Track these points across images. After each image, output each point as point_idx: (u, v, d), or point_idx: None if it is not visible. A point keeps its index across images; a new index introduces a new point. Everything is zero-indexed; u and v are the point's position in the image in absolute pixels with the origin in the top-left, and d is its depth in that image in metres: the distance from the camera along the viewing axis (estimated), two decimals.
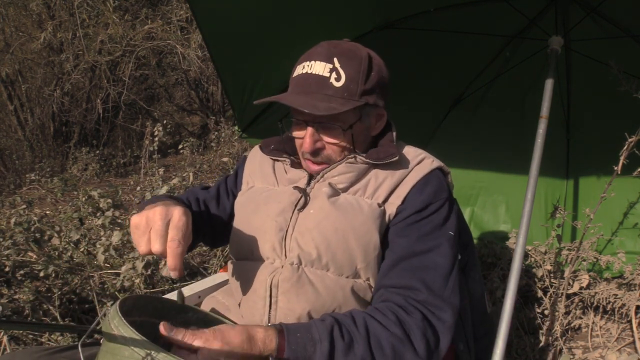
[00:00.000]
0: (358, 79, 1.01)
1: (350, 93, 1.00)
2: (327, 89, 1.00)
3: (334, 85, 1.00)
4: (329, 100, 0.98)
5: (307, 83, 1.01)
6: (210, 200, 1.22)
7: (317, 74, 1.01)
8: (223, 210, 1.21)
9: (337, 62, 1.01)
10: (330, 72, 1.00)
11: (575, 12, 1.85)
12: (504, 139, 2.50)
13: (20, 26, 5.91)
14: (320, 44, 1.06)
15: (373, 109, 1.07)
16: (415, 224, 1.00)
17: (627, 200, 2.26)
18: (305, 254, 0.97)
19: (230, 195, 1.23)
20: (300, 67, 1.04)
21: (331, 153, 1.05)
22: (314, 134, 1.03)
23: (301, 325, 0.85)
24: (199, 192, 1.25)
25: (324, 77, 1.00)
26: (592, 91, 2.23)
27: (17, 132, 6.12)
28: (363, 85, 1.02)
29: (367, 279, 1.00)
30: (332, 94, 0.99)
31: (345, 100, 0.99)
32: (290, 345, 0.80)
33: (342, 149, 1.05)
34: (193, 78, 6.87)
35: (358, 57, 1.02)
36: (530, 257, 2.23)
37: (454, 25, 1.99)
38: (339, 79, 1.00)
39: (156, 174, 4.25)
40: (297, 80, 1.04)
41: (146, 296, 0.91)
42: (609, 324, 2.15)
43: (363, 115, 1.05)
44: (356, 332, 0.85)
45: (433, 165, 1.07)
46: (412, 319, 0.89)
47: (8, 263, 2.02)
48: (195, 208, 1.19)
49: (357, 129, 1.05)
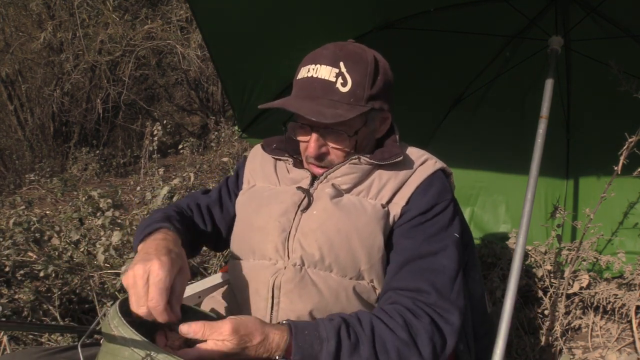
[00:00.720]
0: (364, 84, 1.00)
1: (357, 98, 0.99)
2: (333, 94, 0.98)
3: (340, 90, 0.98)
4: (335, 106, 0.97)
5: (312, 87, 1.00)
6: (213, 205, 1.21)
7: (322, 79, 0.99)
8: (227, 214, 1.21)
9: (343, 67, 0.99)
10: (336, 76, 0.99)
11: (575, 12, 1.85)
12: (504, 139, 2.50)
13: (20, 26, 5.91)
14: (326, 46, 1.04)
15: (378, 113, 1.06)
16: (421, 225, 1.00)
17: (627, 200, 2.26)
18: (308, 255, 0.97)
19: (232, 196, 1.22)
20: (305, 69, 1.03)
21: (335, 158, 1.05)
22: (318, 139, 1.02)
23: (309, 323, 0.86)
24: (200, 197, 1.24)
25: (329, 82, 0.99)
26: (592, 91, 2.23)
27: (17, 132, 6.11)
28: (369, 90, 1.00)
29: (370, 281, 1.00)
30: (338, 100, 0.98)
31: (351, 106, 0.98)
32: (297, 342, 0.80)
33: (346, 154, 1.05)
34: (193, 78, 6.86)
35: (364, 61, 1.01)
36: (530, 257, 2.23)
37: (454, 25, 1.99)
38: (345, 84, 0.98)
39: (156, 174, 4.24)
40: (302, 84, 1.02)
41: None
42: (609, 324, 2.15)
43: (369, 120, 1.05)
44: (362, 333, 0.85)
45: (436, 166, 1.07)
46: (420, 322, 0.89)
47: (8, 263, 2.02)
48: (197, 215, 1.18)
49: (361, 134, 1.04)
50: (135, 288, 0.79)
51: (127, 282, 0.80)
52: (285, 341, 0.81)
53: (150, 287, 0.78)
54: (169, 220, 1.01)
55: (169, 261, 0.81)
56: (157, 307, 0.77)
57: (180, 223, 1.06)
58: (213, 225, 1.20)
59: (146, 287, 0.78)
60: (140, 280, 0.79)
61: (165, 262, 0.80)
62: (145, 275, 0.79)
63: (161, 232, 0.94)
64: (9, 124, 6.17)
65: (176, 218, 1.07)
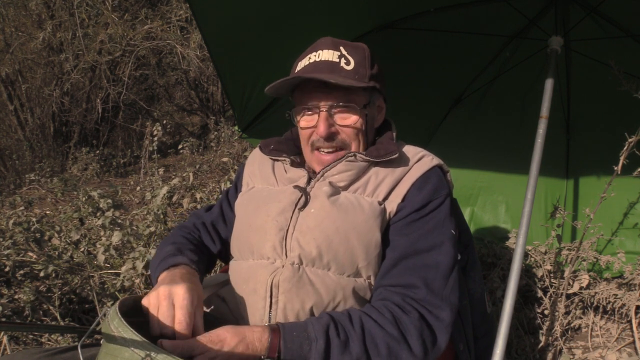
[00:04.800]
0: (365, 64, 1.06)
1: (360, 76, 1.05)
2: (339, 72, 1.03)
3: (345, 68, 1.04)
4: (344, 80, 1.01)
5: (319, 68, 1.04)
6: (217, 221, 1.23)
7: (327, 60, 1.04)
8: (231, 226, 1.22)
9: (343, 50, 1.06)
10: (339, 57, 1.04)
11: (575, 12, 1.85)
12: (504, 139, 2.50)
13: (20, 26, 5.91)
14: (322, 38, 1.10)
15: (378, 97, 1.12)
16: (416, 222, 1.00)
17: (627, 200, 2.26)
18: (306, 254, 0.97)
19: (233, 207, 1.23)
20: (306, 58, 1.07)
21: (345, 137, 1.07)
22: (328, 118, 1.05)
23: (298, 324, 0.86)
24: (204, 215, 1.26)
25: (334, 62, 1.04)
26: (592, 91, 2.22)
27: (17, 132, 6.11)
28: (370, 70, 1.06)
29: (367, 278, 1.00)
30: (345, 76, 1.03)
31: (357, 81, 1.03)
32: (286, 343, 0.80)
33: (357, 132, 1.07)
34: (193, 78, 6.86)
35: (360, 47, 1.09)
36: (530, 257, 2.23)
37: (454, 25, 1.99)
38: (348, 63, 1.04)
39: (156, 174, 4.25)
40: (306, 69, 1.06)
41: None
42: (609, 324, 2.15)
43: (371, 101, 1.09)
44: (352, 330, 0.85)
45: (433, 162, 1.08)
46: (408, 318, 0.89)
47: (8, 263, 2.02)
48: (205, 234, 1.21)
49: (369, 113, 1.09)
50: (158, 310, 0.79)
51: (149, 302, 0.80)
52: (267, 339, 0.81)
53: (177, 309, 0.79)
54: (182, 253, 1.03)
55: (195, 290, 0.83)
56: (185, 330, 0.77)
57: (193, 252, 1.08)
58: (220, 240, 1.22)
59: (171, 310, 0.79)
60: (165, 301, 0.79)
61: (191, 289, 0.82)
62: (170, 298, 0.79)
63: (180, 267, 0.96)
64: (9, 124, 6.17)
65: (188, 247, 1.09)
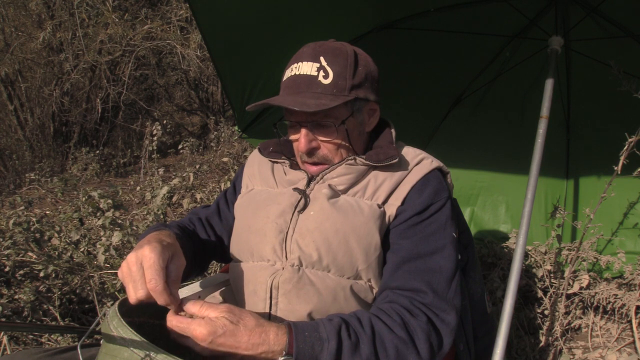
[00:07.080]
0: (346, 75, 1.02)
1: (339, 89, 1.01)
2: (316, 87, 1.01)
3: (322, 82, 1.01)
4: (319, 97, 0.99)
5: (296, 84, 1.02)
6: (212, 216, 1.23)
7: (305, 74, 1.02)
8: (226, 223, 1.22)
9: (323, 60, 1.02)
10: (317, 70, 1.01)
11: (576, 12, 1.85)
12: (504, 139, 2.50)
13: (20, 26, 5.90)
14: (307, 45, 1.07)
15: (364, 103, 1.08)
16: (417, 225, 1.00)
17: (627, 200, 2.26)
18: (306, 256, 0.98)
19: (230, 206, 1.23)
20: (289, 70, 1.06)
21: (327, 152, 1.06)
22: (308, 134, 1.04)
23: (309, 323, 0.86)
24: (200, 211, 1.26)
25: (311, 77, 1.01)
26: (592, 91, 2.22)
27: (17, 132, 6.11)
28: (351, 79, 1.02)
29: (368, 280, 1.00)
30: (322, 92, 1.00)
31: (334, 96, 1.00)
32: (298, 343, 0.80)
33: (338, 147, 1.06)
34: (193, 78, 6.86)
35: (344, 53, 1.04)
36: (530, 257, 2.23)
37: (454, 25, 1.99)
38: (326, 76, 1.01)
39: (156, 174, 4.25)
40: (287, 83, 1.05)
41: None
42: (609, 324, 2.15)
43: (355, 110, 1.06)
44: (362, 332, 0.86)
45: (432, 165, 1.08)
46: (417, 321, 0.89)
47: (8, 263, 2.02)
48: (199, 227, 1.20)
49: (350, 125, 1.06)
50: (130, 275, 0.79)
51: (122, 272, 0.81)
52: (285, 341, 0.80)
53: (145, 270, 0.79)
54: (166, 226, 1.04)
55: (160, 246, 0.82)
56: (157, 287, 0.77)
57: (180, 231, 1.08)
58: (215, 234, 1.22)
59: (141, 272, 0.79)
60: (134, 266, 0.79)
61: (155, 247, 0.81)
62: (138, 262, 0.79)
63: (155, 231, 0.97)
64: (9, 124, 6.17)
65: (176, 227, 1.10)
